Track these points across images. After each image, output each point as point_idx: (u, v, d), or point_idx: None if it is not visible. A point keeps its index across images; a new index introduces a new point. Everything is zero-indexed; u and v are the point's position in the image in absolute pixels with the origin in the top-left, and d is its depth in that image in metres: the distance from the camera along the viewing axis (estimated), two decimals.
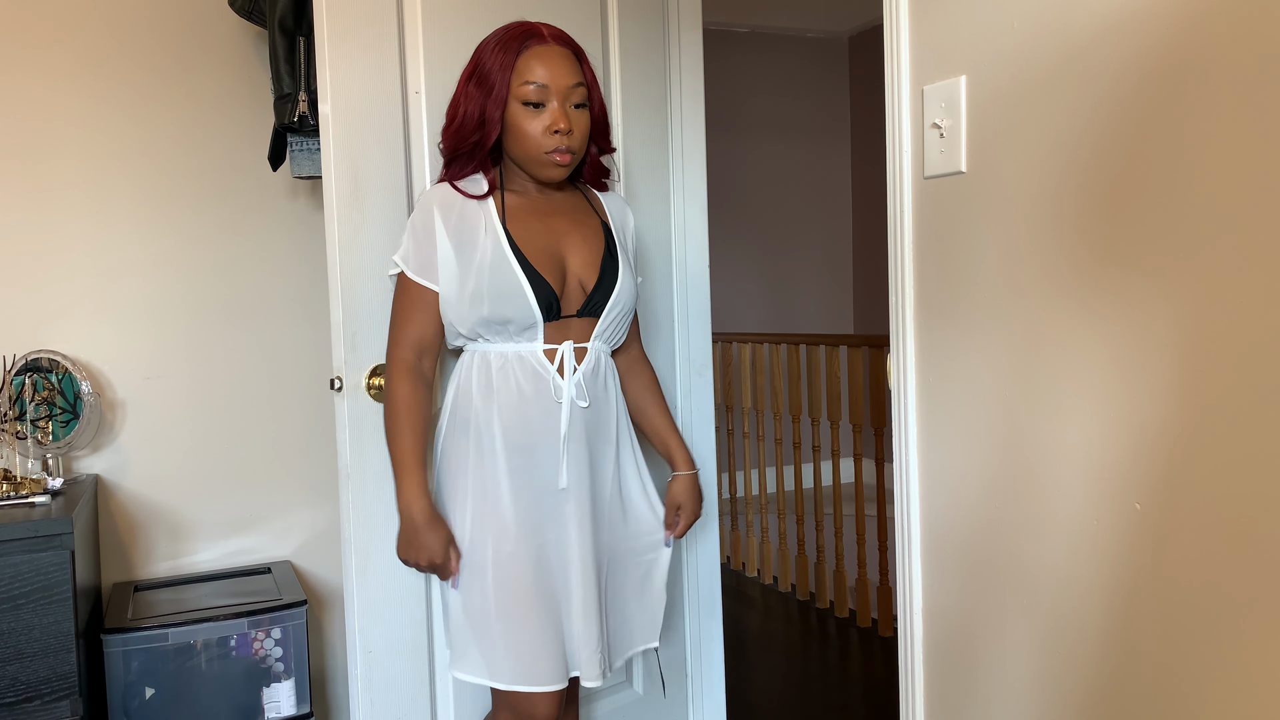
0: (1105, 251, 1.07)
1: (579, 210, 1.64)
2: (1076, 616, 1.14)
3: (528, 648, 1.52)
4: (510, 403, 1.54)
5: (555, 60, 1.51)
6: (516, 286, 1.51)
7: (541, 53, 1.51)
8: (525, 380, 1.54)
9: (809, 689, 2.93)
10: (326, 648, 2.40)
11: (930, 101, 1.28)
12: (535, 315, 1.52)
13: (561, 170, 1.55)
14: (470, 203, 1.56)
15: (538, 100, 1.51)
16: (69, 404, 2.05)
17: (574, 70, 1.53)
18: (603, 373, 1.61)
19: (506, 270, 1.51)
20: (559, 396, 1.54)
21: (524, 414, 1.54)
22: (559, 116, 1.51)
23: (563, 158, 1.53)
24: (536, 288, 1.52)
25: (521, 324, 1.53)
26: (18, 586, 1.66)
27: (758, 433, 4.00)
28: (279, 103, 2.00)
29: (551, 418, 1.55)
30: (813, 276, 5.80)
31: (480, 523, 1.55)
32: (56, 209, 2.13)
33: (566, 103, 1.52)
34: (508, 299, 1.51)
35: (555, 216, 1.60)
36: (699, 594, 2.23)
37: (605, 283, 1.59)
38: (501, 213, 1.56)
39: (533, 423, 1.54)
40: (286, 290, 2.34)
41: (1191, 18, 0.96)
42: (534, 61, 1.51)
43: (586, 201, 1.67)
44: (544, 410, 1.54)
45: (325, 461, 2.34)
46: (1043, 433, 1.16)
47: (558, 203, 1.63)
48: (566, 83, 1.51)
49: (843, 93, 5.85)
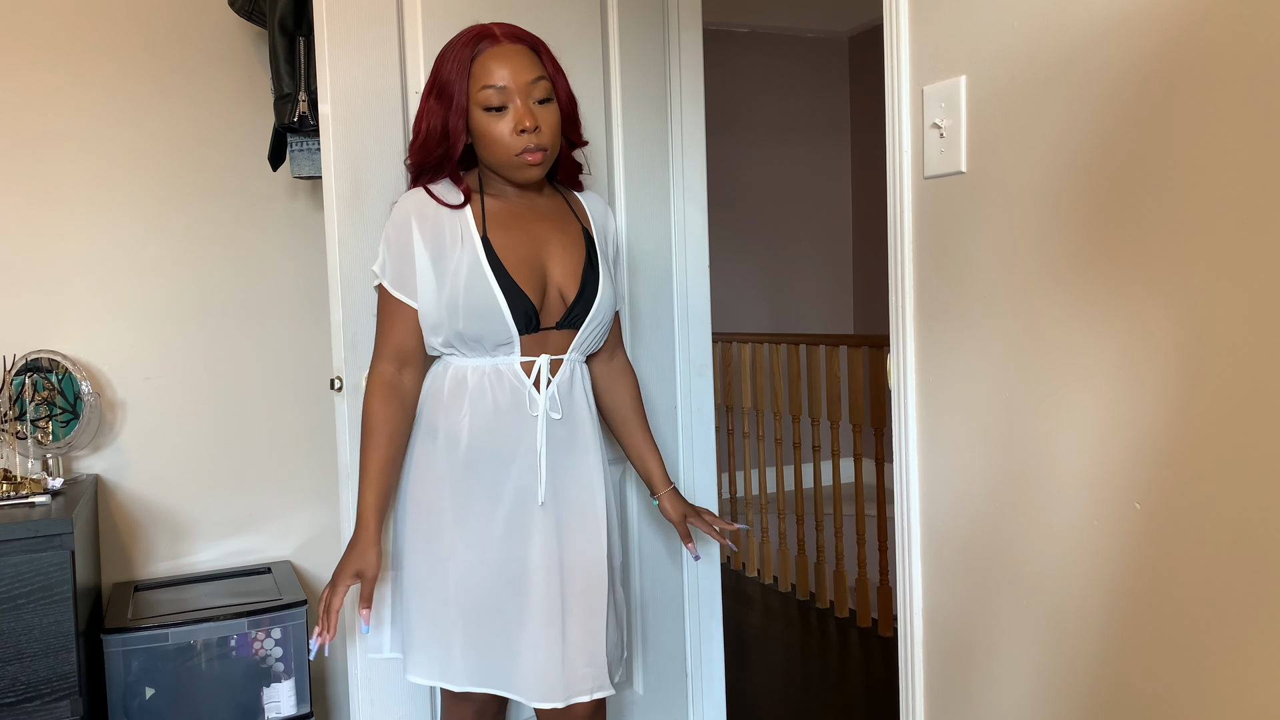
0: (1105, 251, 1.07)
1: (560, 216, 1.60)
2: (1077, 616, 1.14)
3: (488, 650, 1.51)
4: (484, 415, 1.51)
5: (511, 58, 1.47)
6: (492, 303, 1.48)
7: (496, 53, 1.47)
8: (501, 393, 1.52)
9: (809, 689, 2.93)
10: (326, 647, 2.40)
11: (930, 101, 1.28)
12: (511, 333, 1.50)
13: (536, 170, 1.51)
14: (447, 210, 1.53)
15: (499, 103, 1.47)
16: (69, 404, 2.05)
17: (532, 65, 1.49)
18: (577, 384, 1.58)
19: (483, 286, 1.48)
20: (534, 410, 1.52)
21: (498, 426, 1.52)
22: (523, 115, 1.46)
23: (534, 157, 1.48)
24: (514, 302, 1.49)
25: (496, 340, 1.50)
26: (18, 586, 1.66)
27: (758, 433, 4.00)
28: (279, 103, 2.00)
29: (527, 431, 1.52)
30: (813, 276, 5.80)
31: (441, 529, 1.52)
32: (57, 209, 2.13)
33: (529, 99, 1.48)
34: (483, 316, 1.48)
35: (537, 222, 1.57)
36: (699, 594, 2.23)
37: (586, 294, 1.56)
38: (482, 220, 1.52)
39: (506, 435, 1.52)
40: (286, 290, 2.34)
41: (1191, 18, 0.97)
42: (490, 63, 1.47)
43: (567, 206, 1.63)
44: (518, 423, 1.52)
45: (325, 461, 2.34)
46: (1043, 432, 1.16)
47: (539, 207, 1.59)
48: (525, 79, 1.47)
49: (843, 93, 5.85)
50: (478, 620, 1.52)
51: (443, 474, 1.53)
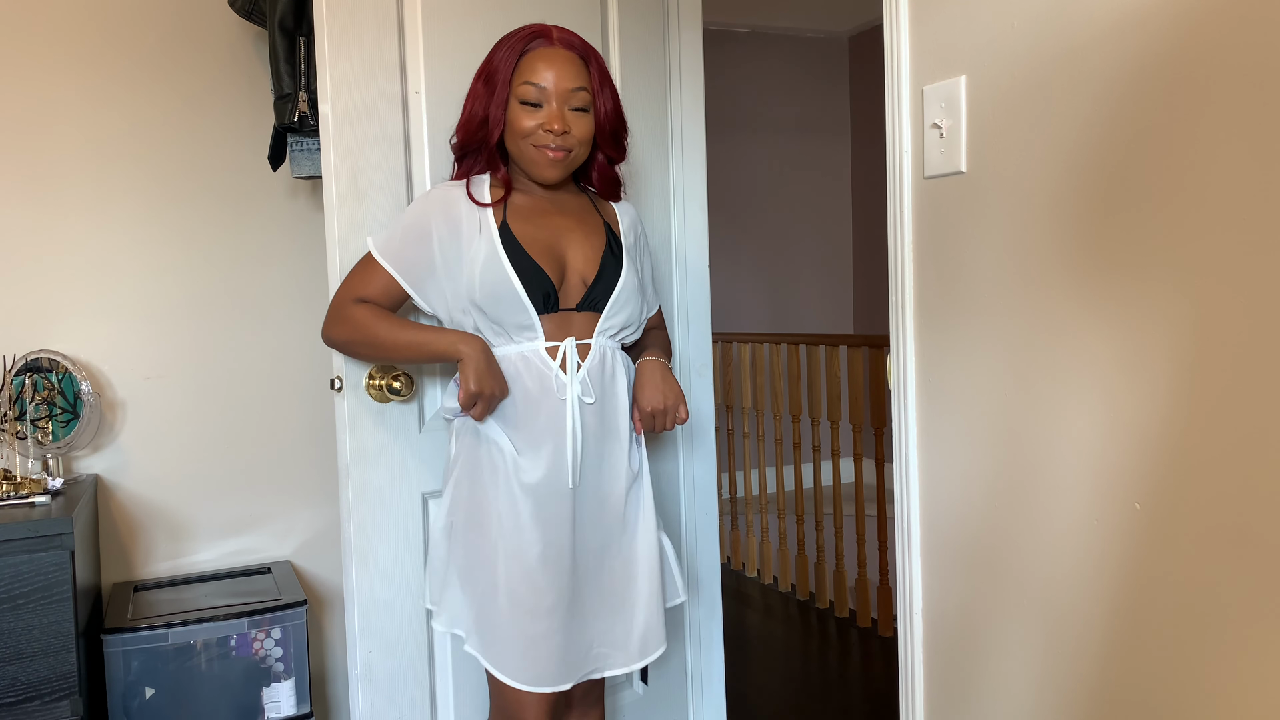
0: (1105, 251, 1.07)
1: (582, 210, 1.63)
2: (1077, 616, 1.14)
3: (532, 647, 1.51)
4: (517, 404, 1.53)
5: (558, 62, 1.51)
6: (507, 284, 1.49)
7: (545, 54, 1.52)
8: (531, 380, 1.53)
9: (809, 689, 2.93)
10: (326, 648, 2.40)
11: (930, 101, 1.28)
12: (529, 312, 1.51)
13: (555, 168, 1.54)
14: (470, 205, 1.55)
15: (536, 100, 1.51)
16: (69, 404, 2.05)
17: (577, 74, 1.52)
18: (610, 368, 1.58)
19: (497, 268, 1.50)
20: (562, 394, 1.53)
21: (530, 413, 1.53)
22: (554, 117, 1.50)
23: (555, 154, 1.52)
24: (531, 280, 1.50)
25: (518, 323, 1.52)
26: (18, 586, 1.66)
27: (758, 433, 4.00)
28: (279, 103, 2.00)
29: (558, 416, 1.53)
30: (813, 276, 5.80)
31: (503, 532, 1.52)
32: (57, 209, 2.13)
33: (565, 105, 1.52)
34: (500, 299, 1.50)
35: (559, 216, 1.59)
36: (699, 594, 2.23)
37: (606, 276, 1.58)
38: (503, 210, 1.55)
39: (539, 421, 1.53)
40: (287, 290, 2.34)
41: (1191, 18, 0.96)
42: (537, 62, 1.51)
43: (593, 206, 1.66)
44: (550, 409, 1.53)
45: (325, 461, 2.34)
46: (1043, 432, 1.16)
47: (563, 204, 1.62)
48: (567, 86, 1.51)
49: (843, 93, 5.85)
50: (562, 616, 1.53)
51: (489, 470, 1.53)
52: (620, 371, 1.59)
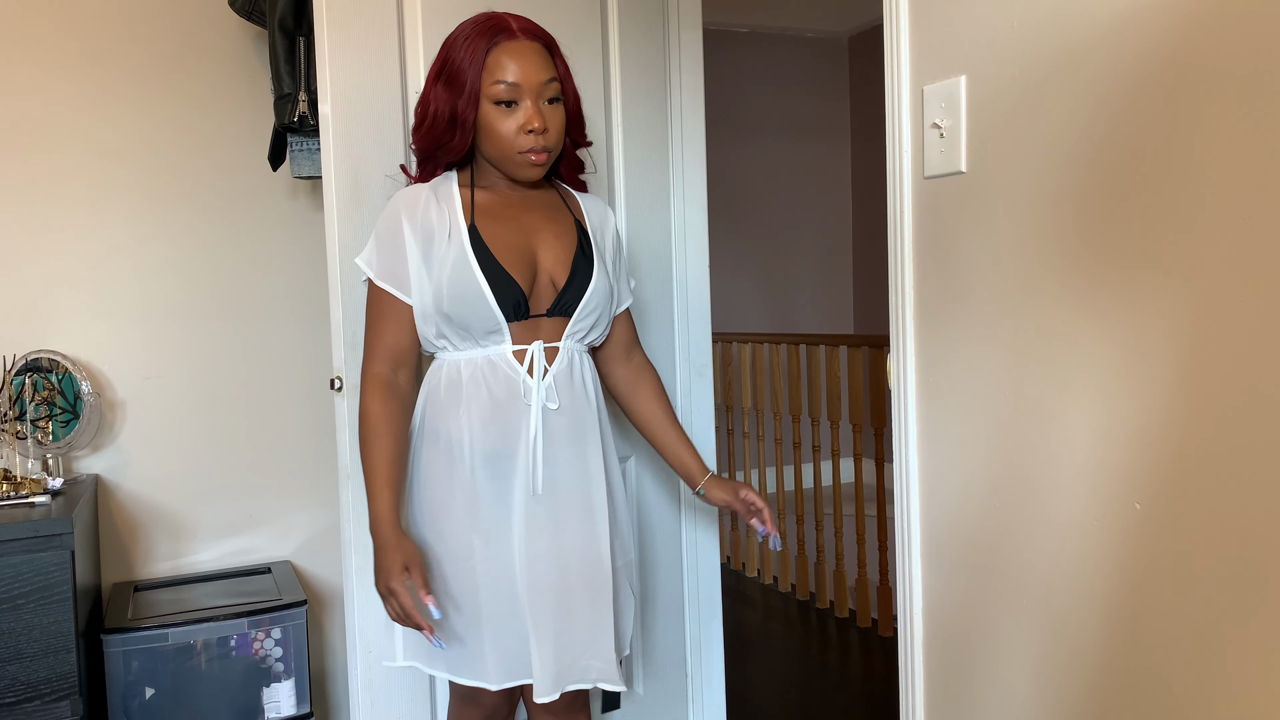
0: (1105, 251, 1.07)
1: (552, 207, 1.59)
2: (1077, 616, 1.14)
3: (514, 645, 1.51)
4: (483, 410, 1.50)
5: (527, 56, 1.46)
6: (476, 289, 1.46)
7: (512, 49, 1.46)
8: (497, 385, 1.50)
9: (809, 689, 2.93)
10: (326, 648, 2.40)
11: (930, 101, 1.28)
12: (497, 318, 1.48)
13: (537, 170, 1.51)
14: (437, 203, 1.52)
15: (510, 99, 1.46)
16: (69, 404, 2.05)
17: (546, 65, 1.48)
18: (579, 373, 1.55)
19: (466, 273, 1.46)
20: (528, 399, 1.50)
21: (497, 419, 1.50)
22: (533, 115, 1.46)
23: (538, 157, 1.48)
24: (501, 288, 1.47)
25: (484, 328, 1.48)
26: (18, 586, 1.66)
27: (758, 433, 4.00)
28: (279, 103, 2.00)
29: (524, 421, 1.50)
30: (813, 276, 5.80)
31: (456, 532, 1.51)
32: (57, 209, 2.14)
33: (540, 100, 1.47)
34: (468, 302, 1.46)
35: (527, 213, 1.56)
36: (699, 594, 2.23)
37: (577, 280, 1.54)
38: (470, 211, 1.51)
39: (506, 427, 1.50)
40: (287, 290, 2.34)
41: (1191, 18, 0.96)
42: (505, 58, 1.45)
43: (561, 200, 1.62)
44: (517, 414, 1.50)
45: (325, 461, 2.34)
46: (1043, 432, 1.16)
47: (531, 199, 1.58)
48: (539, 79, 1.46)
49: (843, 93, 5.85)
50: (504, 617, 1.51)
51: (450, 477, 1.51)
52: (583, 375, 1.57)
